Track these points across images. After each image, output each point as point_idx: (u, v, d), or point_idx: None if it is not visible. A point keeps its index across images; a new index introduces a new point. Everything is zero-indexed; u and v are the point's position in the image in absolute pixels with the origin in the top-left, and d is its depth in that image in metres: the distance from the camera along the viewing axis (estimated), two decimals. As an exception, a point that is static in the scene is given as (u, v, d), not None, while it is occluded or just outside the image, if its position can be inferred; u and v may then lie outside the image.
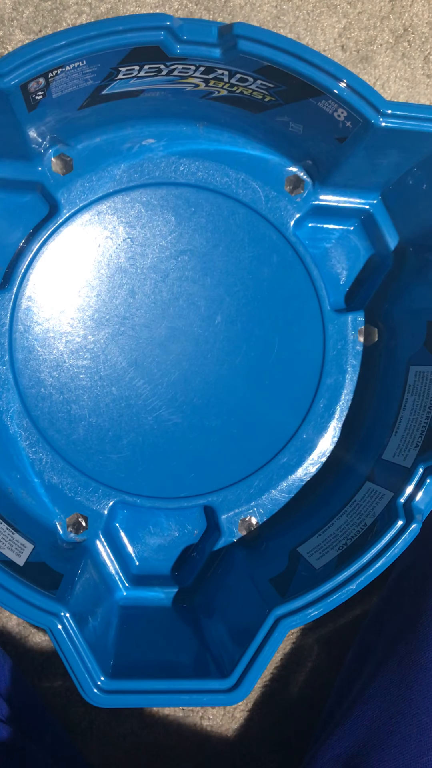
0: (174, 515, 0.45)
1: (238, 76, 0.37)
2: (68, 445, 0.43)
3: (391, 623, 0.42)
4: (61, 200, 0.42)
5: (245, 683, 0.34)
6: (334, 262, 0.46)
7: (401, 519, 0.37)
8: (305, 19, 0.50)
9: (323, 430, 0.45)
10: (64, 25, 0.47)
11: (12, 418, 0.42)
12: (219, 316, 0.45)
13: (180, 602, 0.44)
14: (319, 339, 0.45)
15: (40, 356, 0.43)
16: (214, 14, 0.49)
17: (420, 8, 0.51)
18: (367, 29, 0.50)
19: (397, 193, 0.43)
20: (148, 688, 0.34)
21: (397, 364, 0.44)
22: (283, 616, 0.36)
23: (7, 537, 0.38)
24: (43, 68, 0.33)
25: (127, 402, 0.44)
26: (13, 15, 0.47)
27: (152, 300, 0.44)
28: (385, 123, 0.36)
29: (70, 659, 0.34)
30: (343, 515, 0.42)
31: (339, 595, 0.36)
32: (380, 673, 0.40)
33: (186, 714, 0.48)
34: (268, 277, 0.45)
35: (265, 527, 0.45)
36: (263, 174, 0.44)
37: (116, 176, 0.43)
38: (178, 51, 0.35)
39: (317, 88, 0.36)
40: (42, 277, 0.43)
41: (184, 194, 0.44)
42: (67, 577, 0.37)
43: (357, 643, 0.45)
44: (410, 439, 0.41)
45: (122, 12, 0.48)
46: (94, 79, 0.36)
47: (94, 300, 0.44)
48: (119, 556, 0.44)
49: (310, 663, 0.49)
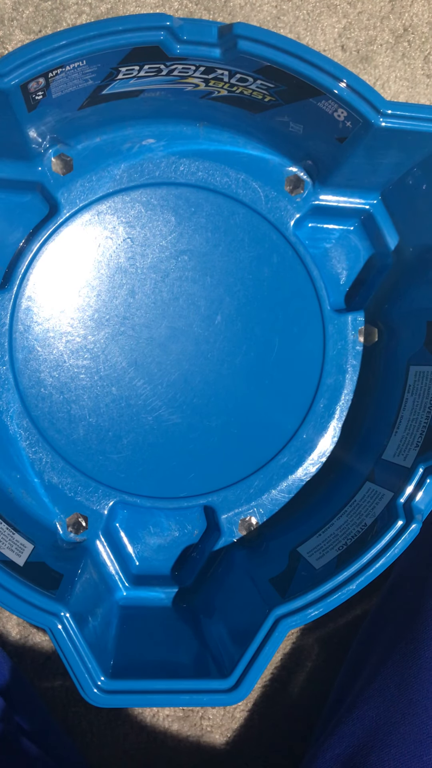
0: (174, 515, 0.45)
1: (238, 76, 0.37)
2: (68, 445, 0.43)
3: (390, 624, 0.42)
4: (61, 200, 0.42)
5: (245, 683, 0.34)
6: (334, 262, 0.46)
7: (401, 519, 0.37)
8: (305, 19, 0.50)
9: (323, 430, 0.45)
10: (64, 25, 0.47)
11: (12, 418, 0.42)
12: (219, 316, 0.45)
13: (180, 602, 0.44)
14: (319, 339, 0.45)
15: (40, 356, 0.43)
16: (214, 14, 0.49)
17: (420, 8, 0.51)
18: (367, 29, 0.50)
19: (397, 193, 0.43)
20: (148, 688, 0.34)
21: (397, 364, 0.44)
22: (283, 616, 0.36)
23: (7, 537, 0.38)
24: (43, 68, 0.33)
25: (127, 402, 0.44)
26: (13, 15, 0.47)
27: (152, 300, 0.44)
28: (385, 123, 0.36)
29: (70, 659, 0.34)
30: (343, 515, 0.42)
31: (339, 595, 0.36)
32: (380, 674, 0.40)
33: (186, 714, 0.48)
34: (268, 277, 0.45)
35: (265, 527, 0.45)
36: (263, 174, 0.44)
37: (116, 176, 0.43)
38: (178, 51, 0.35)
39: (317, 88, 0.36)
40: (42, 277, 0.43)
41: (184, 194, 0.44)
42: (67, 577, 0.37)
43: (356, 643, 0.45)
44: (410, 439, 0.41)
45: (122, 12, 0.48)
46: (94, 79, 0.36)
47: (94, 300, 0.44)
48: (119, 556, 0.44)
49: (310, 663, 0.49)
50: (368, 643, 0.43)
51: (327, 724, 0.41)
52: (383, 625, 0.43)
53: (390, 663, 0.40)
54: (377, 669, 0.40)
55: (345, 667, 0.45)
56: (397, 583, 0.44)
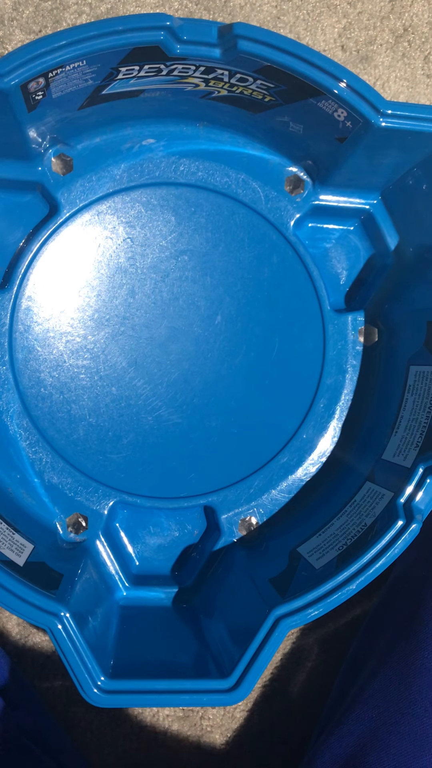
0: (174, 515, 0.45)
1: (238, 76, 0.37)
2: (68, 445, 0.43)
3: (390, 624, 0.42)
4: (61, 200, 0.42)
5: (245, 683, 0.34)
6: (334, 262, 0.46)
7: (401, 519, 0.37)
8: (305, 19, 0.50)
9: (323, 430, 0.45)
10: (64, 25, 0.47)
11: (12, 418, 0.42)
12: (219, 316, 0.45)
13: (180, 602, 0.44)
14: (319, 339, 0.45)
15: (40, 356, 0.43)
16: (214, 14, 0.49)
17: (420, 8, 0.51)
18: (367, 29, 0.50)
19: (397, 193, 0.43)
20: (148, 688, 0.34)
21: (397, 364, 0.44)
22: (283, 616, 0.36)
23: (7, 537, 0.38)
24: (43, 68, 0.33)
25: (127, 402, 0.44)
26: (13, 15, 0.47)
27: (152, 300, 0.44)
28: (385, 123, 0.36)
29: (70, 659, 0.34)
30: (343, 515, 0.42)
31: (339, 595, 0.36)
32: (379, 674, 0.40)
33: (186, 714, 0.48)
34: (268, 277, 0.45)
35: (265, 527, 0.45)
36: (263, 174, 0.44)
37: (116, 176, 0.43)
38: (178, 51, 0.35)
39: (317, 88, 0.36)
40: (42, 277, 0.43)
41: (184, 194, 0.44)
42: (67, 577, 0.37)
43: (356, 643, 0.45)
44: (410, 439, 0.41)
45: (122, 12, 0.48)
46: (94, 79, 0.36)
47: (94, 300, 0.44)
48: (119, 556, 0.44)
49: (310, 663, 0.49)
50: (368, 643, 0.43)
51: (326, 724, 0.41)
52: (383, 625, 0.43)
53: (390, 663, 0.40)
54: (377, 669, 0.40)
55: (344, 667, 0.45)
56: (396, 584, 0.44)
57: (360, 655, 0.43)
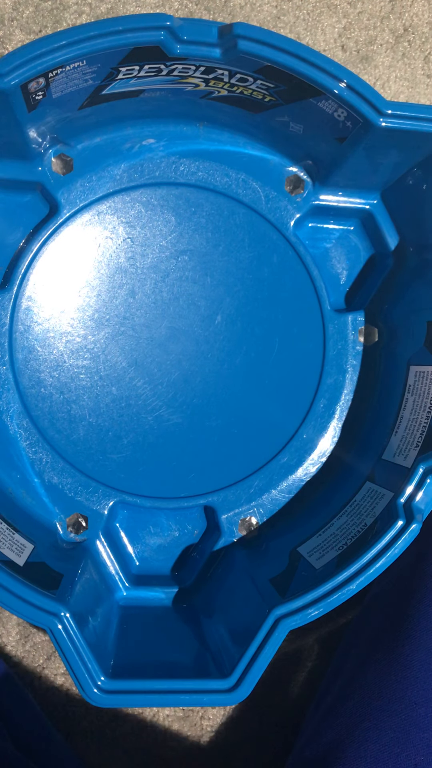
0: (174, 515, 0.45)
1: (238, 76, 0.37)
2: (68, 445, 0.43)
3: (372, 625, 0.42)
4: (61, 200, 0.42)
5: (245, 683, 0.34)
6: (334, 262, 0.46)
7: (401, 519, 0.37)
8: (305, 19, 0.50)
9: (323, 430, 0.45)
10: (64, 25, 0.47)
11: (12, 418, 0.42)
12: (219, 316, 0.45)
13: (180, 602, 0.44)
14: (319, 339, 0.45)
15: (40, 356, 0.43)
16: (214, 14, 0.49)
17: (420, 8, 0.51)
18: (367, 29, 0.50)
19: (397, 193, 0.43)
20: (148, 688, 0.34)
21: (397, 364, 0.44)
22: (283, 616, 0.36)
23: (7, 537, 0.38)
24: (43, 68, 0.33)
25: (127, 402, 0.44)
26: (13, 15, 0.47)
27: (152, 300, 0.44)
28: (385, 123, 0.36)
29: (70, 659, 0.34)
30: (343, 515, 0.42)
31: (339, 595, 0.36)
32: (361, 672, 0.40)
33: (186, 714, 0.48)
34: (268, 277, 0.45)
35: (265, 527, 0.45)
36: (263, 174, 0.44)
37: (116, 176, 0.43)
38: (178, 51, 0.35)
39: (317, 88, 0.36)
40: (42, 277, 0.43)
41: (184, 194, 0.44)
42: (67, 577, 0.37)
43: (342, 642, 0.45)
44: (410, 439, 0.41)
45: (122, 12, 0.48)
46: (94, 79, 0.36)
47: (94, 300, 0.44)
48: (119, 556, 0.44)
49: (310, 663, 0.49)
50: (350, 644, 0.43)
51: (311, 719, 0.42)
52: (365, 626, 0.43)
53: (371, 661, 0.40)
54: (359, 667, 0.40)
55: (329, 668, 0.45)
56: (380, 584, 0.44)
57: (342, 656, 0.44)
